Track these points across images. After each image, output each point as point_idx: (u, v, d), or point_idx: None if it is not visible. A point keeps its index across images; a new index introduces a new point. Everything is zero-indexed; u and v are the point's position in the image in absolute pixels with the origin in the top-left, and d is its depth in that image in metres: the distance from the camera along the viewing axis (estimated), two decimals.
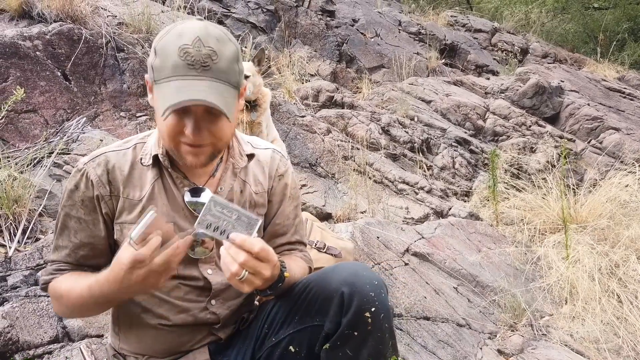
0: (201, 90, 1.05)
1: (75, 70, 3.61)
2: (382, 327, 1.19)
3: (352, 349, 1.19)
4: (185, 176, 1.25)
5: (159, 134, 1.23)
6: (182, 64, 1.06)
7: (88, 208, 1.21)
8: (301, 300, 1.26)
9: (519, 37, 8.24)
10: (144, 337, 1.28)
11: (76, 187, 1.21)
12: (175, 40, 1.07)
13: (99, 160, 1.22)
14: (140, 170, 1.24)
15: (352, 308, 1.16)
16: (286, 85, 4.96)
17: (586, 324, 2.63)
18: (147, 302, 1.26)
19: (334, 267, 1.28)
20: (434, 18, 7.86)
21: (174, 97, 1.05)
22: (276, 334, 1.28)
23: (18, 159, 2.62)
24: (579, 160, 5.07)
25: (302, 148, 3.99)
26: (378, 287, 1.20)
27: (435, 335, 2.37)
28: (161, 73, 1.08)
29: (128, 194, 1.22)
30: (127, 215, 1.22)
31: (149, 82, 1.16)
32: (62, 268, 1.25)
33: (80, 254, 1.24)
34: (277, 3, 6.27)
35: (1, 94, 3.15)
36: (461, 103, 5.37)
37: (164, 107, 1.05)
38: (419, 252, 2.89)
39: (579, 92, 6.09)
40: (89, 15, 3.85)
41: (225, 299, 1.31)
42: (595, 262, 2.92)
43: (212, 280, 1.28)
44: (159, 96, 1.09)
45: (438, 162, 4.57)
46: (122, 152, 1.25)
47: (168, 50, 1.07)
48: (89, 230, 1.23)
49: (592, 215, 3.59)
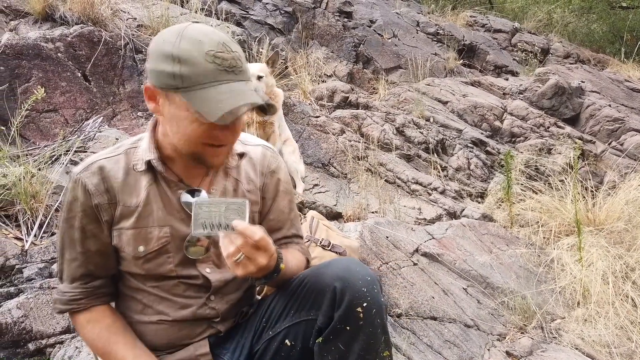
0: (249, 92, 1.12)
1: (95, 71, 3.71)
2: (374, 322, 1.20)
3: (344, 343, 1.20)
4: (180, 179, 1.27)
5: (155, 138, 1.24)
6: (217, 69, 1.09)
7: (90, 217, 1.22)
8: (296, 295, 1.28)
9: (540, 38, 8.11)
10: (145, 333, 1.31)
11: (75, 199, 1.22)
12: (198, 46, 1.08)
13: (93, 169, 1.22)
14: (134, 177, 1.24)
15: (344, 303, 1.18)
16: (302, 86, 4.99)
17: (598, 328, 2.59)
18: (147, 299, 1.29)
19: (328, 263, 1.30)
20: (452, 18, 7.80)
21: (231, 102, 1.08)
22: (273, 328, 1.31)
23: (37, 156, 2.71)
24: (598, 162, 4.97)
25: (315, 148, 4.02)
26: (370, 282, 1.21)
27: (441, 335, 2.37)
28: (193, 80, 1.08)
29: (125, 201, 1.23)
30: (125, 222, 1.24)
31: (157, 90, 1.14)
32: (77, 297, 1.27)
33: (92, 264, 1.26)
34: (295, 5, 6.31)
35: (24, 94, 3.26)
36: (478, 104, 5.32)
37: (218, 112, 1.06)
38: (428, 253, 2.88)
39: (600, 92, 5.97)
40: (109, 18, 3.96)
41: (224, 293, 1.34)
42: (610, 265, 2.87)
43: (212, 278, 1.31)
44: (196, 102, 1.08)
45: (453, 163, 4.54)
46: (114, 158, 1.25)
47: (194, 57, 1.08)
48: (95, 238, 1.24)
49: (610, 218, 3.52)
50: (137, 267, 1.26)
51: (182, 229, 1.26)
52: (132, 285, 1.30)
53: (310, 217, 2.21)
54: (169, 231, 1.24)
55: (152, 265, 1.25)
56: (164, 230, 1.24)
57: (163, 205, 1.25)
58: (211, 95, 1.08)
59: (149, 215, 1.23)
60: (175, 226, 1.25)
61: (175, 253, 1.26)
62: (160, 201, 1.25)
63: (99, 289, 1.29)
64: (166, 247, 1.24)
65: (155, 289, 1.28)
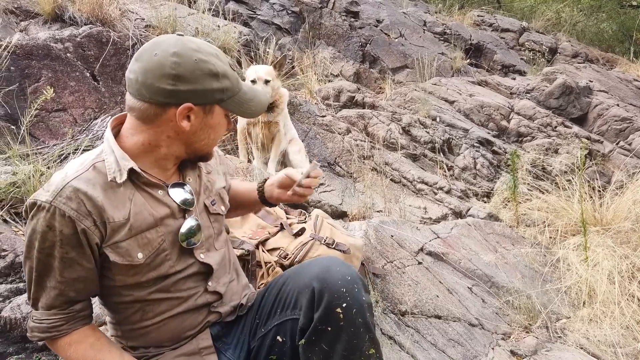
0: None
1: (104, 71, 3.75)
2: (355, 322, 1.20)
3: (327, 344, 1.22)
4: (159, 179, 1.29)
5: (168, 145, 1.26)
6: (236, 73, 1.28)
7: (71, 245, 1.15)
8: (281, 293, 1.32)
9: (548, 37, 8.07)
10: (147, 333, 1.32)
11: (50, 228, 1.13)
12: (221, 59, 1.23)
13: (66, 194, 1.14)
14: (114, 190, 1.20)
15: (323, 304, 1.20)
16: (308, 85, 5.01)
17: (604, 328, 2.58)
18: (146, 307, 1.29)
19: (309, 262, 1.34)
20: (459, 18, 7.78)
21: (255, 100, 1.32)
22: (264, 325, 1.34)
23: (46, 155, 2.75)
24: (606, 162, 4.94)
25: (321, 147, 4.03)
26: (351, 282, 1.22)
27: (445, 333, 2.37)
28: (233, 89, 1.26)
29: (112, 216, 1.18)
30: (117, 236, 1.20)
31: (196, 107, 1.21)
32: (56, 324, 1.21)
33: (72, 291, 1.20)
34: (302, 4, 6.34)
35: (34, 94, 3.30)
36: (485, 103, 5.31)
37: (251, 110, 1.32)
38: (433, 252, 2.89)
39: (609, 92, 5.93)
40: (117, 18, 3.99)
41: (219, 276, 1.37)
42: (616, 265, 2.86)
43: (210, 261, 1.34)
44: (234, 108, 1.27)
45: (459, 162, 4.53)
46: (84, 176, 1.18)
47: (227, 69, 1.23)
48: (77, 265, 1.17)
49: (617, 218, 3.51)
50: (136, 276, 1.24)
51: (172, 223, 1.28)
52: (127, 299, 1.27)
53: (315, 215, 2.22)
54: (162, 229, 1.26)
55: (152, 269, 1.25)
56: (158, 230, 1.25)
57: (150, 207, 1.25)
58: (242, 98, 1.28)
59: (140, 221, 1.22)
60: (165, 222, 1.27)
61: (171, 249, 1.27)
62: (147, 204, 1.24)
63: (79, 313, 1.24)
64: (163, 245, 1.25)
65: (154, 294, 1.27)
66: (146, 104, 1.19)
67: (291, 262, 1.93)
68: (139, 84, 1.17)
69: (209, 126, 1.25)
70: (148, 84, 1.16)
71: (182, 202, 1.30)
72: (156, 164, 1.28)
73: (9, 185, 2.34)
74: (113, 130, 1.27)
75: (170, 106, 1.19)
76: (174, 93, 1.17)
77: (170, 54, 1.16)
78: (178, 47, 1.17)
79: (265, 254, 1.96)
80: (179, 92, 1.17)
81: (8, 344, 1.89)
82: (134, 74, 1.18)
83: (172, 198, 1.29)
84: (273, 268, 1.91)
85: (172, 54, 1.16)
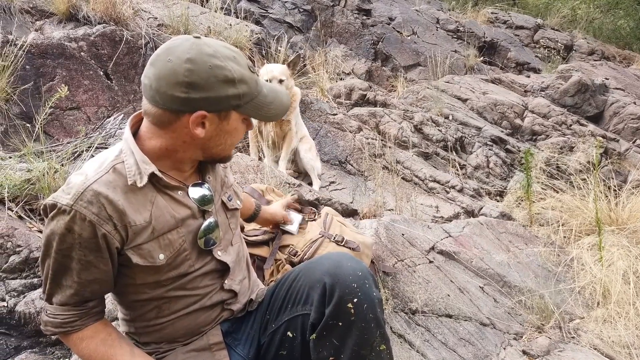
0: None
1: (117, 69, 3.78)
2: (366, 317, 1.21)
3: (337, 339, 1.22)
4: (179, 181, 1.29)
5: (190, 147, 1.24)
6: (254, 76, 1.24)
7: (88, 248, 1.15)
8: (292, 289, 1.33)
9: (563, 34, 7.96)
10: (163, 330, 1.33)
11: (69, 230, 1.12)
12: (239, 62, 1.19)
13: (87, 197, 1.13)
14: (134, 193, 1.19)
15: (334, 299, 1.20)
16: (320, 83, 5.00)
17: (618, 328, 2.54)
18: (162, 305, 1.30)
19: (320, 257, 1.34)
20: (473, 15, 7.72)
21: (276, 101, 1.29)
22: (275, 320, 1.35)
23: (60, 152, 2.79)
24: (622, 161, 4.86)
25: (332, 146, 4.03)
26: (362, 277, 1.22)
27: (456, 332, 2.35)
28: (251, 93, 1.22)
29: (133, 220, 1.18)
30: (139, 238, 1.20)
31: (210, 115, 1.18)
32: (70, 320, 1.22)
33: (87, 291, 1.21)
34: (314, 3, 6.33)
35: (48, 92, 3.35)
36: (498, 101, 5.26)
37: (273, 113, 1.29)
38: (444, 251, 2.87)
39: (625, 90, 5.83)
40: (130, 18, 4.03)
41: (234, 274, 1.38)
42: (631, 265, 2.81)
43: (227, 259, 1.35)
44: (253, 112, 1.24)
45: (472, 161, 4.49)
46: (105, 179, 1.16)
47: (244, 74, 1.19)
48: (95, 268, 1.18)
49: (633, 218, 3.45)
50: (156, 275, 1.24)
51: (192, 223, 1.28)
52: (144, 297, 1.28)
53: (325, 213, 2.22)
54: (183, 230, 1.26)
55: (172, 268, 1.26)
56: (179, 231, 1.26)
57: (172, 208, 1.25)
58: (261, 102, 1.24)
59: (162, 223, 1.23)
60: (186, 223, 1.27)
61: (191, 249, 1.28)
62: (169, 206, 1.25)
63: (93, 309, 1.25)
64: (183, 246, 1.26)
65: (171, 292, 1.28)
66: (160, 110, 1.17)
67: (300, 259, 1.93)
68: (153, 91, 1.16)
69: (225, 132, 1.23)
70: (161, 92, 1.14)
71: (200, 198, 1.30)
72: (174, 166, 1.28)
73: (24, 182, 2.38)
74: (131, 129, 1.26)
75: (184, 113, 1.17)
76: (187, 101, 1.15)
77: (183, 61, 1.13)
78: (192, 52, 1.14)
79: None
80: (192, 100, 1.14)
81: (22, 338, 1.92)
82: (149, 80, 1.16)
83: (191, 197, 1.29)
84: (283, 265, 1.92)
85: (186, 60, 1.13)
